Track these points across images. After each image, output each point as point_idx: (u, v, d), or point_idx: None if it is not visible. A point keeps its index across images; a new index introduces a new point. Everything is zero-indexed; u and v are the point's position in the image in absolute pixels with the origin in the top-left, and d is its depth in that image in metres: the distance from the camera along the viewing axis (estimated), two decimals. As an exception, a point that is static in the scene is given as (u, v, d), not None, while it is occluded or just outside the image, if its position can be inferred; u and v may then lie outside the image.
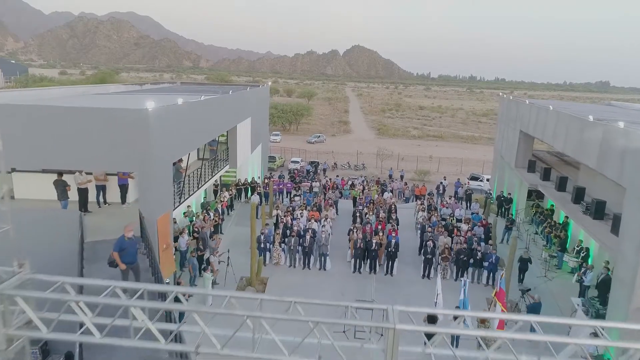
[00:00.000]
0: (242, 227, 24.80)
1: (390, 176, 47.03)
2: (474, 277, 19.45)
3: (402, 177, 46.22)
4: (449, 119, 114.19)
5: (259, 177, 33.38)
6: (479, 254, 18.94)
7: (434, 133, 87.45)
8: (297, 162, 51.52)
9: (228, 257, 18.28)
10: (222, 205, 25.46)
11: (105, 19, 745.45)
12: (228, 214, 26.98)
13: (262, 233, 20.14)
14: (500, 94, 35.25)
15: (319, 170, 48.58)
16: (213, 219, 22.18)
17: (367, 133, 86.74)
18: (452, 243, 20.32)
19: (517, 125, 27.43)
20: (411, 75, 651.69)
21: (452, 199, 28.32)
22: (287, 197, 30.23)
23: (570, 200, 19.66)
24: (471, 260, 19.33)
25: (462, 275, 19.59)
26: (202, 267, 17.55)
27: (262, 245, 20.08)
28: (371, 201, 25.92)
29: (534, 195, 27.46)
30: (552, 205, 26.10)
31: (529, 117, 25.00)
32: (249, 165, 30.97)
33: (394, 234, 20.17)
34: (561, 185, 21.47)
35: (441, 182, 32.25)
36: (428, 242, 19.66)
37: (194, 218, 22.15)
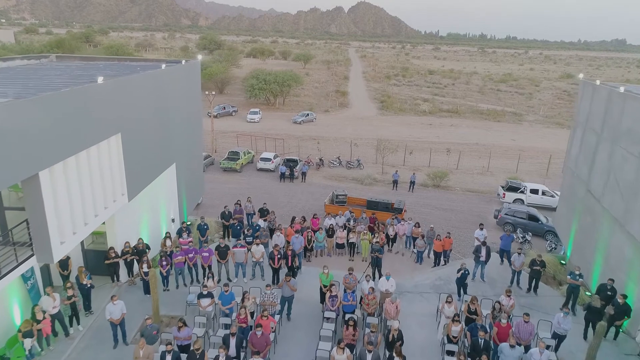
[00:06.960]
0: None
1: (395, 182, 34.03)
2: None
3: (413, 183, 34.14)
4: (463, 86, 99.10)
5: (176, 221, 19.76)
6: None
7: (448, 107, 72.65)
8: (269, 159, 37.63)
9: None
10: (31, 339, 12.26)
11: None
12: (66, 333, 13.59)
13: None
14: (581, 76, 20.76)
15: (296, 173, 34.98)
16: None
17: (368, 107, 72.10)
18: None
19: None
20: (419, 33, 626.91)
21: (511, 301, 14.07)
22: (207, 275, 16.36)
23: None
24: None
25: None
26: None
27: None
28: (351, 323, 12.33)
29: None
30: None
31: None
32: (142, 211, 17.27)
33: None
34: None
35: (483, 242, 17.70)
36: None
37: None
